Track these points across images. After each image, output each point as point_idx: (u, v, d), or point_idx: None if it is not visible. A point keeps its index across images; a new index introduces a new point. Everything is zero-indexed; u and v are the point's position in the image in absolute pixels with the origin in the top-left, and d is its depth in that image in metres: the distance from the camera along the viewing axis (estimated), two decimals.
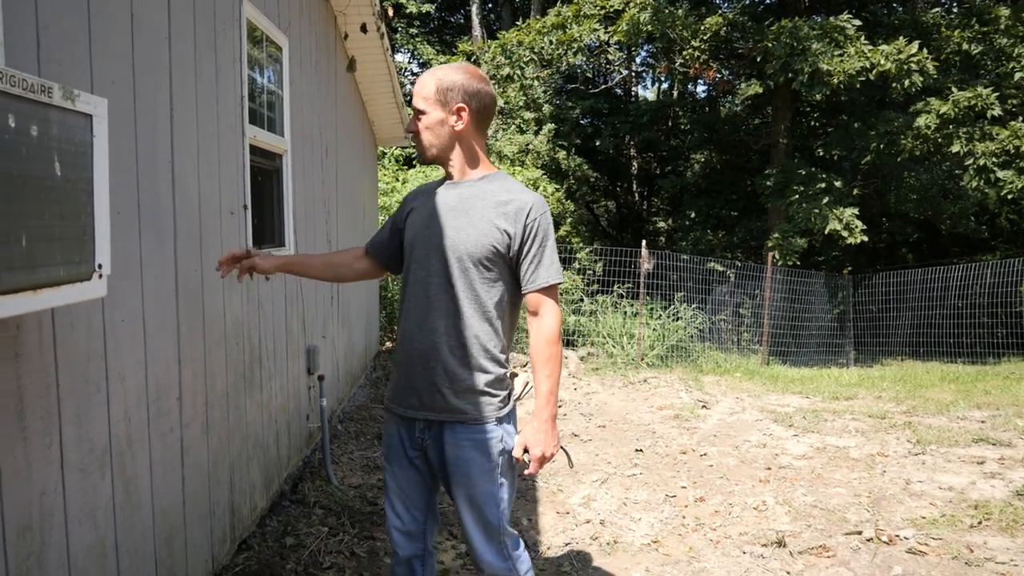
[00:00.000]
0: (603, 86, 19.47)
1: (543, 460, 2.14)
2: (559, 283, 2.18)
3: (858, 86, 11.88)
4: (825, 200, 12.69)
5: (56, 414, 1.87)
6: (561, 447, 2.24)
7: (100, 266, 1.61)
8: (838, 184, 13.35)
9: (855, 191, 14.97)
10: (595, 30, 12.90)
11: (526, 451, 2.15)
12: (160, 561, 2.48)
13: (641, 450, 5.47)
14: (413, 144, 2.23)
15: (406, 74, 21.46)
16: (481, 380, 2.14)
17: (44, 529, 1.82)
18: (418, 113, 2.15)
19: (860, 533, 3.85)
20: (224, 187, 3.15)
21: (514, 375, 2.27)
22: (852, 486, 4.64)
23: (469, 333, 2.12)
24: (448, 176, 2.24)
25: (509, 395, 2.23)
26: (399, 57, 21.16)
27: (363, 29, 5.91)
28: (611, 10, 13.10)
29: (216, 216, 3.04)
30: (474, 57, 14.49)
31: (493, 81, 13.59)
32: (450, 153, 2.20)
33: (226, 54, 3.19)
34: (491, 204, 2.13)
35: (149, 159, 2.40)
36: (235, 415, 3.27)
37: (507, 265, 2.15)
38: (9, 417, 1.68)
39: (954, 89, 12.17)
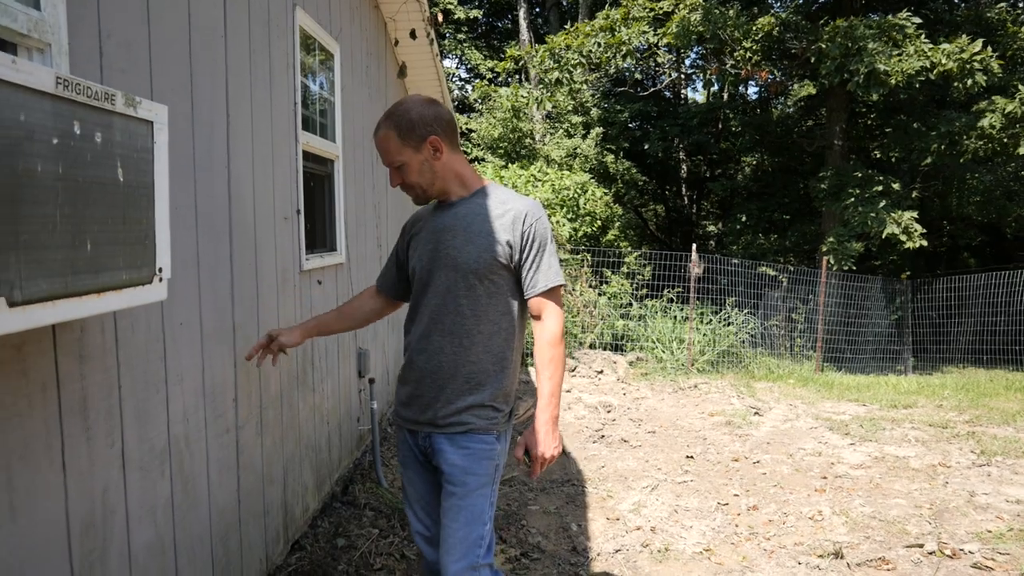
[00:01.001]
0: (652, 89, 19.34)
1: (544, 461, 2.15)
2: (560, 285, 2.19)
3: (917, 86, 11.54)
4: (882, 203, 12.35)
5: (118, 414, 1.92)
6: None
7: (160, 270, 1.64)
8: (896, 186, 12.98)
9: (914, 193, 14.54)
10: (644, 32, 12.79)
11: (527, 452, 2.17)
12: (216, 560, 2.52)
13: (692, 457, 5.39)
14: (408, 194, 2.24)
15: (454, 79, 21.63)
16: (487, 395, 2.16)
17: (106, 526, 1.86)
18: (397, 168, 2.16)
19: (922, 546, 3.72)
20: (278, 192, 3.20)
21: (519, 399, 2.30)
22: (913, 497, 4.49)
23: (477, 349, 2.15)
24: (443, 199, 2.25)
25: (511, 413, 2.26)
26: (447, 63, 21.33)
27: (412, 35, 5.96)
28: (660, 12, 12.98)
29: (270, 221, 3.09)
30: (522, 61, 14.50)
31: (541, 85, 13.58)
32: (444, 184, 2.20)
33: (280, 61, 3.25)
34: (490, 217, 2.16)
35: (206, 165, 2.45)
36: (288, 417, 3.31)
37: (512, 275, 2.18)
38: (74, 417, 1.72)
39: (1021, 87, 11.73)
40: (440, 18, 6.38)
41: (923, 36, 11.53)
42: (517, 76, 16.22)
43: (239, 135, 2.75)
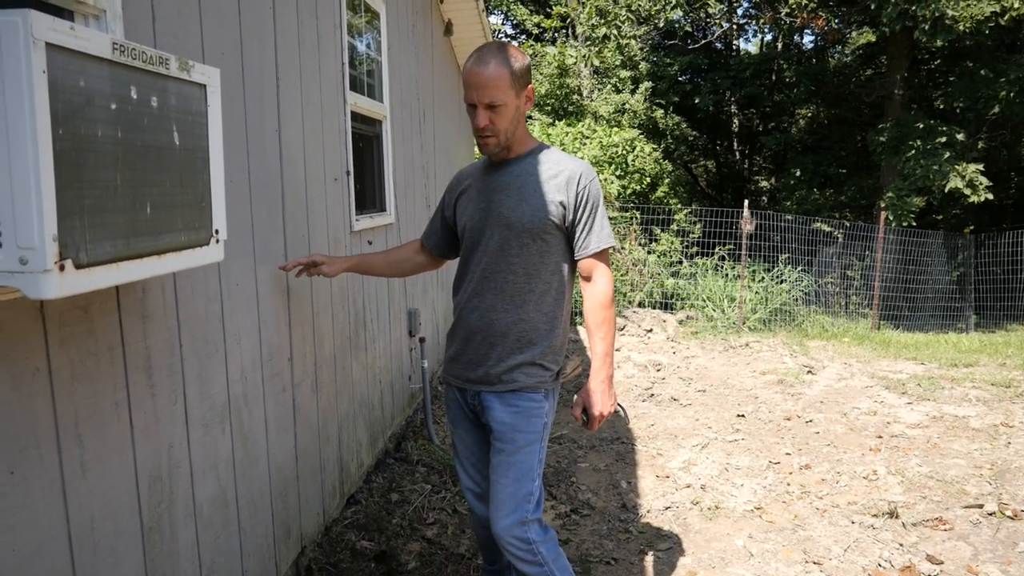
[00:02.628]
0: (703, 41, 18.81)
1: (601, 418, 2.21)
2: (611, 247, 2.21)
3: (987, 31, 10.98)
4: (946, 155, 11.88)
5: (180, 372, 1.98)
6: (618, 404, 2.30)
7: (217, 231, 1.67)
8: (960, 137, 12.46)
9: (980, 144, 13.92)
10: None
11: (584, 411, 2.22)
12: (276, 513, 2.61)
13: (743, 415, 5.35)
14: (483, 140, 2.13)
15: (500, 36, 21.33)
16: (537, 353, 2.18)
17: (172, 480, 1.94)
18: (492, 108, 2.08)
19: (981, 507, 3.65)
20: (328, 154, 3.22)
21: (567, 357, 2.31)
22: (972, 457, 4.39)
23: (528, 307, 2.16)
24: (496, 156, 2.21)
25: (560, 372, 2.28)
26: (493, 19, 21.04)
27: None
28: None
29: (321, 182, 3.12)
30: (569, 19, 14.23)
31: (588, 42, 13.32)
32: (515, 137, 2.17)
33: (327, 22, 3.24)
34: (543, 178, 2.15)
35: (257, 127, 2.48)
36: (342, 376, 3.38)
37: (563, 235, 2.18)
38: (139, 375, 1.79)
39: None
40: None
41: None
42: (564, 32, 15.93)
43: (288, 98, 2.76)
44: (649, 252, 10.84)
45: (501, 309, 2.17)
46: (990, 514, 3.57)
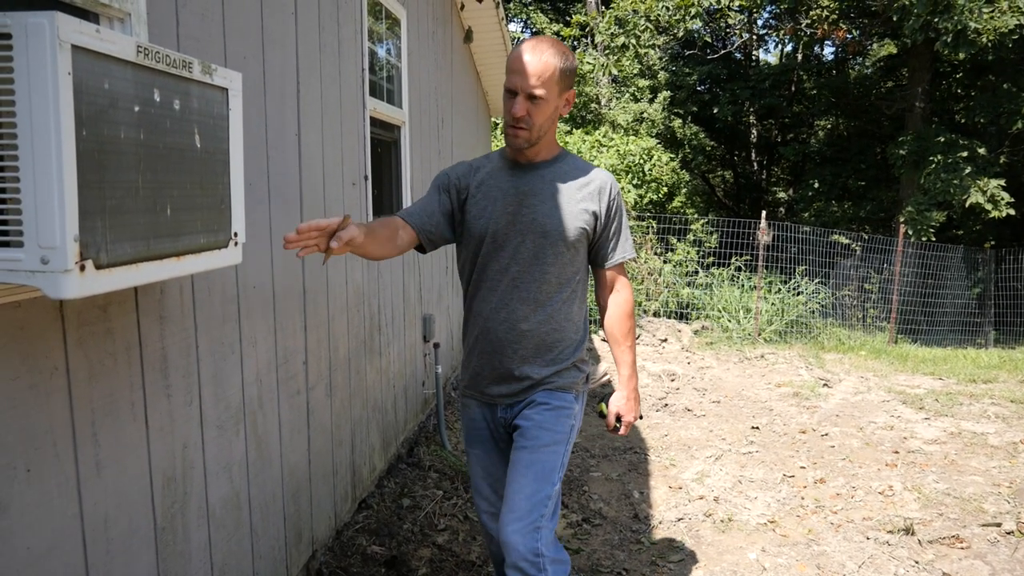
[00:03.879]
0: (722, 51, 18.76)
1: (630, 424, 2.25)
2: (633, 258, 2.27)
3: (1010, 45, 10.87)
4: (967, 170, 11.75)
5: (196, 373, 1.99)
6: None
7: (236, 234, 1.68)
8: (982, 152, 12.33)
9: (1002, 159, 13.78)
10: None
11: (619, 418, 2.26)
12: (288, 516, 2.62)
13: (757, 427, 5.31)
14: (513, 130, 2.03)
15: (520, 43, 21.36)
16: (570, 357, 2.17)
17: (186, 480, 1.95)
18: (532, 99, 1.98)
19: (999, 525, 3.59)
20: (346, 158, 3.23)
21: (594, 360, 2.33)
22: (991, 475, 4.33)
23: (559, 316, 2.13)
24: (519, 156, 2.10)
25: (588, 376, 2.29)
26: (512, 27, 21.10)
27: None
28: None
29: (339, 187, 3.13)
30: (588, 28, 14.24)
31: (607, 51, 13.33)
32: (545, 139, 2.10)
33: (348, 27, 3.26)
34: (574, 186, 2.12)
35: (278, 131, 2.49)
36: (356, 379, 3.39)
37: (588, 243, 2.17)
38: (155, 375, 1.80)
39: None
40: None
41: None
42: (584, 40, 15.97)
43: (309, 102, 2.78)
44: (665, 261, 10.80)
45: (533, 320, 2.08)
46: (1008, 533, 3.52)
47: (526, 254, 2.08)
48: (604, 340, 5.70)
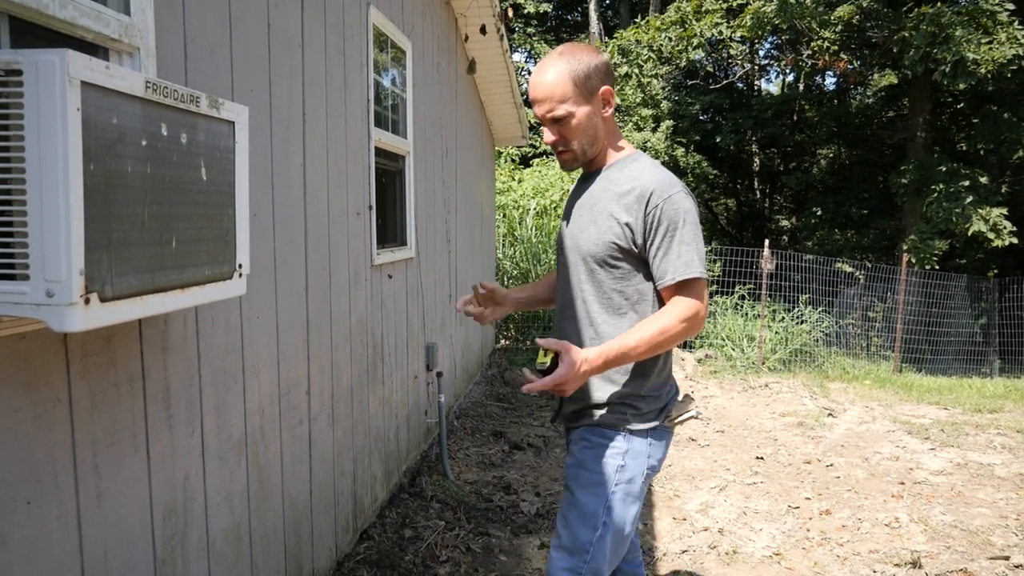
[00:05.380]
0: (724, 81, 18.92)
1: (557, 383, 1.76)
2: (697, 279, 1.83)
3: (1009, 75, 10.96)
4: (969, 199, 11.78)
5: (198, 404, 1.99)
6: (562, 400, 2.04)
7: (240, 265, 1.69)
8: (984, 181, 12.37)
9: (1003, 188, 13.82)
10: (717, 24, 12.51)
11: (553, 361, 1.81)
12: (289, 548, 2.60)
13: (762, 458, 5.27)
14: (558, 156, 1.96)
15: (523, 74, 21.61)
16: (617, 391, 1.92)
17: (187, 512, 1.93)
18: (559, 120, 1.88)
19: (1007, 559, 3.55)
20: (351, 189, 3.26)
21: (687, 397, 2.03)
22: (998, 507, 4.28)
23: (605, 339, 1.89)
24: (592, 168, 2.02)
25: (661, 411, 1.96)
26: (516, 57, 21.35)
27: (482, 31, 5.98)
28: (734, 3, 12.68)
29: (343, 217, 3.15)
30: None
31: None
32: (602, 146, 1.96)
33: (354, 59, 3.30)
34: (613, 196, 1.90)
35: (283, 162, 2.52)
36: (358, 409, 3.38)
37: (638, 259, 1.89)
38: (158, 406, 1.80)
39: None
40: (510, 13, 6.38)
41: (1016, 23, 10.94)
42: None
43: (314, 134, 2.81)
44: None
45: (576, 341, 1.95)
46: (1017, 566, 3.47)
47: (568, 271, 2.00)
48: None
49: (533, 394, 1.88)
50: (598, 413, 1.95)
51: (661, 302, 1.91)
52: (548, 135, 1.93)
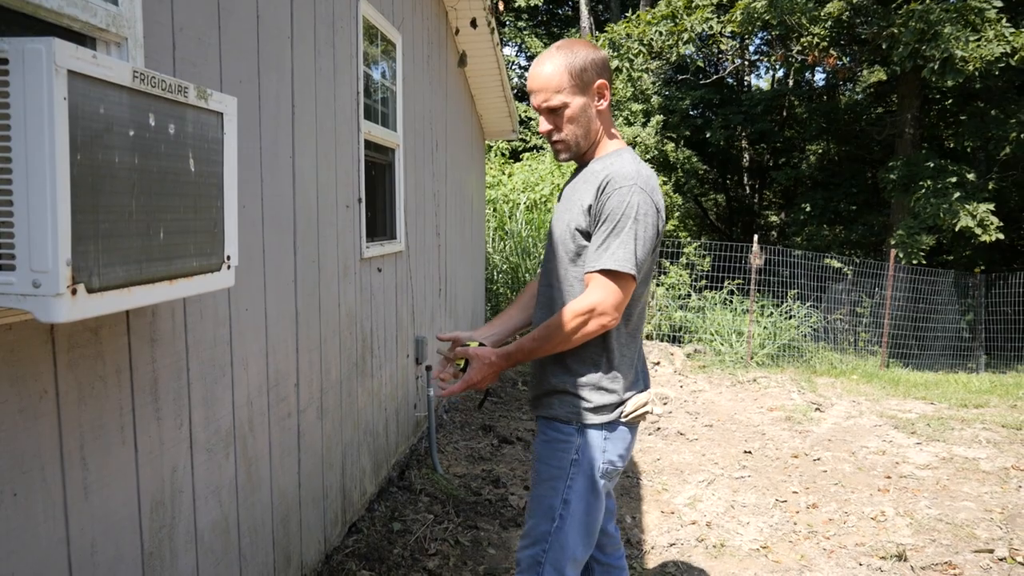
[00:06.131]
0: (714, 76, 18.95)
1: (469, 384, 1.92)
2: (621, 271, 1.82)
3: (996, 72, 11.03)
4: (956, 195, 11.86)
5: (186, 396, 1.98)
6: (487, 389, 2.09)
7: (229, 257, 1.68)
8: (971, 177, 12.46)
9: (991, 184, 13.91)
10: (707, 20, 12.52)
11: (466, 365, 1.96)
12: (277, 540, 2.59)
13: (750, 452, 5.30)
14: (552, 146, 1.99)
15: (514, 67, 21.59)
16: (572, 381, 1.94)
17: (175, 505, 1.93)
18: (554, 110, 1.92)
19: (991, 552, 3.59)
20: (340, 181, 3.25)
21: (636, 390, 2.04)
22: (983, 500, 4.33)
23: None
24: (584, 161, 2.04)
25: (615, 405, 1.96)
26: (507, 50, 21.31)
27: (473, 24, 5.96)
28: None
29: (332, 209, 3.14)
30: None
31: None
32: (594, 139, 1.99)
33: (343, 52, 3.29)
34: (588, 184, 1.92)
35: (272, 154, 2.50)
36: (347, 402, 3.38)
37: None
38: (145, 398, 1.79)
39: None
40: (501, 6, 6.36)
41: (1004, 20, 11.00)
42: None
43: (303, 125, 2.79)
44: (658, 284, 10.84)
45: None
46: (1001, 559, 3.51)
47: (546, 261, 2.07)
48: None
49: (455, 396, 2.01)
50: (554, 402, 1.98)
51: (634, 300, 1.94)
52: (543, 124, 1.97)
